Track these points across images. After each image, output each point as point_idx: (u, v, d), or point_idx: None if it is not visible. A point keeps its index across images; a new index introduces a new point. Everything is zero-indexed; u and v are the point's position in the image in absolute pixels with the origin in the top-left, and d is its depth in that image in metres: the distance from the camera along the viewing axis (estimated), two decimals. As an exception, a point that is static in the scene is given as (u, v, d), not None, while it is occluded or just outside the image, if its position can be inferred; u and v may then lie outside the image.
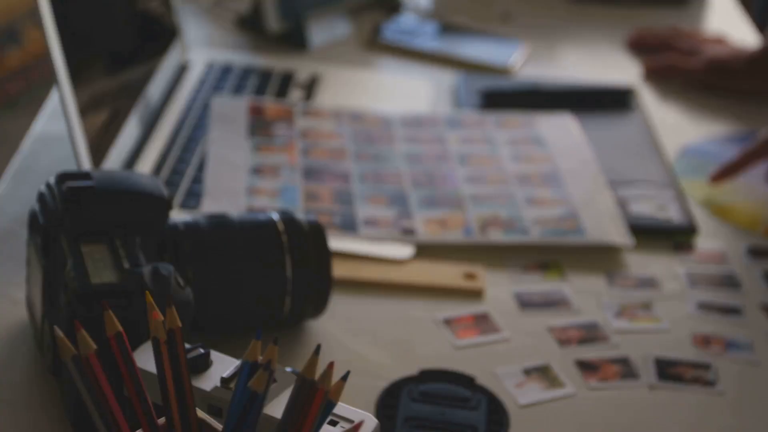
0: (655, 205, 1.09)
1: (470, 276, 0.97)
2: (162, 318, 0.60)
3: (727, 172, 1.13)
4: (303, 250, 0.85)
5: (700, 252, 1.04)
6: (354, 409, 0.68)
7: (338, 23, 1.44)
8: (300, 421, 0.57)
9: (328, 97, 1.26)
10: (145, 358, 0.67)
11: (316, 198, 1.05)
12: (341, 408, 0.68)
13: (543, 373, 0.87)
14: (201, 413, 0.61)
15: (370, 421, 0.66)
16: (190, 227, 0.83)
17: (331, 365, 0.57)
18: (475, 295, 0.95)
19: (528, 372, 0.87)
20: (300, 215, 0.87)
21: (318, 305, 0.87)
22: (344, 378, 0.57)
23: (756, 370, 0.90)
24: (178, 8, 1.27)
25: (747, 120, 1.30)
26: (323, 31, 1.41)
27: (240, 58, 1.31)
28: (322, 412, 0.57)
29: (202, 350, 0.72)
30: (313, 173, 1.08)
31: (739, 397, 0.87)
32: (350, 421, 0.67)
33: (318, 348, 0.58)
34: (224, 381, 0.70)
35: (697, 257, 1.03)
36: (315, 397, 0.57)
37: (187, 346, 0.72)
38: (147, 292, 0.62)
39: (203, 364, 0.71)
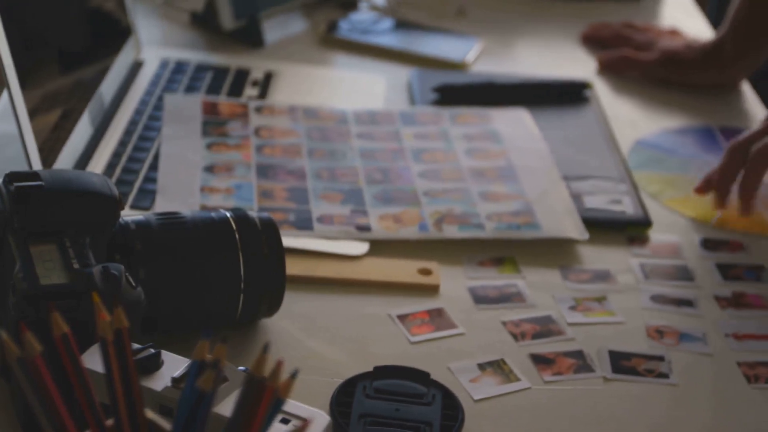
0: (609, 199, 1.09)
1: (425, 272, 0.97)
2: (108, 318, 0.59)
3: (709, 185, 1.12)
4: (256, 247, 0.85)
5: (653, 245, 1.05)
6: (306, 406, 0.68)
7: (293, 20, 1.43)
8: (249, 420, 0.56)
9: (283, 94, 1.25)
10: (96, 359, 0.66)
11: (270, 196, 1.04)
12: (293, 406, 0.68)
13: (498, 367, 0.87)
14: (150, 413, 0.61)
15: (322, 419, 0.66)
16: (141, 226, 0.83)
17: (279, 363, 0.57)
18: (431, 290, 0.95)
19: (483, 367, 0.87)
20: (253, 213, 0.87)
21: (272, 303, 0.87)
22: (293, 375, 0.57)
23: (709, 361, 0.90)
24: (131, 6, 1.26)
25: (701, 113, 1.30)
26: (278, 27, 1.40)
27: (194, 56, 1.31)
28: (271, 410, 0.57)
29: (153, 350, 0.72)
30: (267, 171, 1.08)
31: (693, 388, 0.87)
32: (302, 419, 0.67)
33: (266, 346, 0.57)
34: (175, 381, 0.69)
35: (650, 250, 1.04)
36: (263, 395, 0.56)
37: (137, 346, 0.72)
38: (94, 292, 0.61)
39: (154, 364, 0.71)
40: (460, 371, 0.86)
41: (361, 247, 0.99)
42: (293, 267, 0.93)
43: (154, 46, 1.31)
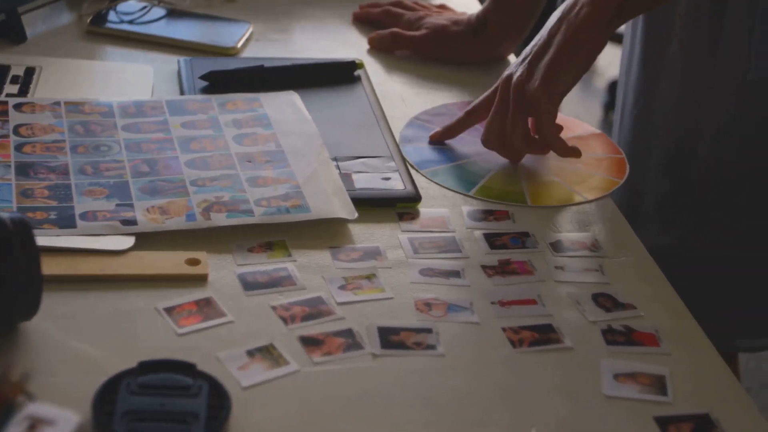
0: (379, 177, 1.10)
1: (193, 262, 0.95)
2: None
3: (446, 133, 1.17)
4: (8, 250, 0.82)
5: (423, 219, 1.06)
6: (53, 409, 0.66)
7: (57, 12, 1.39)
8: (-24, 429, 0.54)
9: (47, 89, 1.21)
10: None
11: (31, 195, 1.01)
12: (42, 410, 0.66)
13: (267, 352, 0.86)
14: None
15: (68, 421, 0.64)
16: None
17: (7, 367, 0.55)
18: (199, 280, 0.94)
19: (251, 353, 0.86)
20: (4, 213, 0.83)
21: (29, 306, 0.84)
22: (22, 379, 0.55)
23: (475, 329, 0.92)
24: None
25: (471, 87, 1.33)
26: (40, 21, 1.36)
27: (-50, 54, 1.25)
28: (4, 416, 0.55)
29: None
30: (27, 170, 1.05)
31: (460, 357, 0.89)
32: (50, 422, 0.65)
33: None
34: None
35: (420, 225, 1.05)
36: (-9, 401, 0.54)
37: None
38: None
39: None
40: (229, 359, 0.85)
41: (126, 242, 0.97)
42: (54, 266, 0.91)
43: None
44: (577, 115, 1.18)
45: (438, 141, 1.18)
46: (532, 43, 1.13)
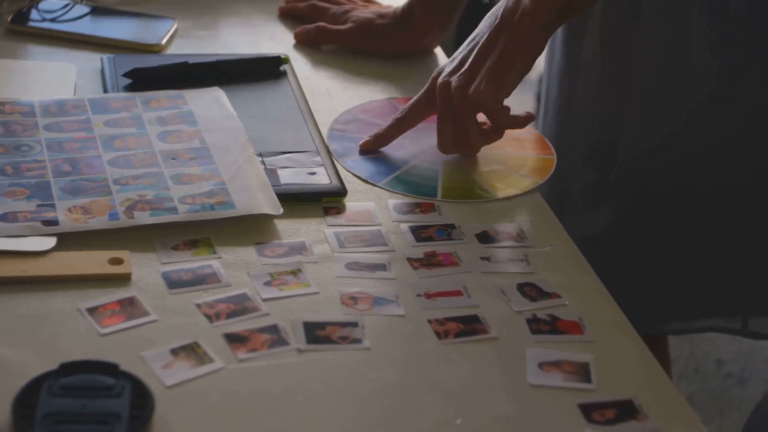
0: (305, 172, 1.10)
1: (116, 261, 0.94)
2: None
3: (377, 141, 1.16)
4: (-77, 253, 0.80)
5: (349, 213, 1.06)
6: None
7: (-24, 12, 1.37)
8: None
9: (-34, 90, 1.20)
10: None
11: (-51, 197, 1.00)
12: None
13: (191, 351, 0.86)
14: None
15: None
16: None
17: None
18: (122, 280, 0.93)
19: (176, 352, 0.86)
20: None
21: (-53, 309, 0.83)
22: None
23: (401, 322, 0.92)
24: None
25: (397, 80, 1.32)
26: (-41, 21, 1.34)
27: None
28: None
29: None
30: (-55, 171, 1.03)
31: (385, 350, 0.89)
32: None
33: None
34: None
35: (346, 219, 1.05)
36: None
37: None
38: None
39: None
40: (153, 359, 0.85)
41: (47, 242, 0.96)
42: (-27, 269, 0.90)
43: None
44: (511, 106, 1.17)
45: (369, 150, 1.16)
46: (468, 46, 1.12)
